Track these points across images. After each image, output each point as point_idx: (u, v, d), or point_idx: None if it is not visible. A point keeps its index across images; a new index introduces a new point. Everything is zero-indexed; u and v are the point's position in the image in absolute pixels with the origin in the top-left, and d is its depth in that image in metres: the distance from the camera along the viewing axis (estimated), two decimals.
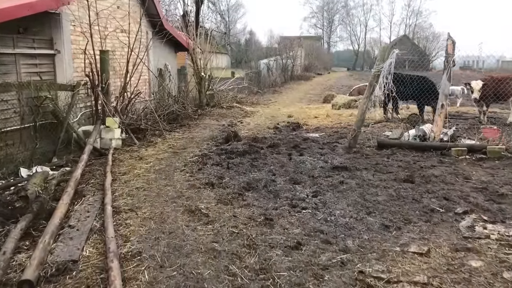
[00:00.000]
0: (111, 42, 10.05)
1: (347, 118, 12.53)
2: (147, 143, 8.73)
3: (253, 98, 19.95)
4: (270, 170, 6.59)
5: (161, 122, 9.74)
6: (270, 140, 9.03)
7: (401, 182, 5.98)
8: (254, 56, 58.16)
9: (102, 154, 7.67)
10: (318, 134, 10.04)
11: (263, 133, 10.05)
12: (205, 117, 12.83)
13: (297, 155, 7.73)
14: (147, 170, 6.67)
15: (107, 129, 8.31)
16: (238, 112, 14.74)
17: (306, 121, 12.27)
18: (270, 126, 11.30)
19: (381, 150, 8.07)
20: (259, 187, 5.69)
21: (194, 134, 9.98)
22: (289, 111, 14.93)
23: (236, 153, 7.72)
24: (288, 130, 10.60)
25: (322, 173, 6.48)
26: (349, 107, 15.25)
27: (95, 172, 6.55)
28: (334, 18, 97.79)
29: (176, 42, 13.92)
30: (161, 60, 12.81)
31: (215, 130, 10.65)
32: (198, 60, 14.85)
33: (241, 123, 12.05)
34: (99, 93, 8.28)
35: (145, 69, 11.52)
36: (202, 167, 6.78)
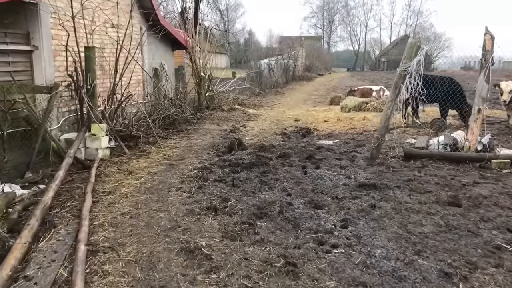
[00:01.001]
0: (100, 38, 8.96)
1: (360, 123, 11.45)
2: (139, 153, 7.64)
3: (256, 99, 18.85)
4: (284, 189, 5.50)
5: (155, 128, 8.64)
6: (279, 148, 7.95)
7: (445, 205, 4.89)
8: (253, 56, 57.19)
9: (85, 167, 6.57)
10: (332, 141, 8.95)
11: (270, 140, 8.96)
12: (205, 121, 11.74)
13: (313, 167, 6.64)
14: (136, 189, 5.57)
15: (93, 137, 7.22)
16: (240, 115, 13.65)
17: (316, 126, 11.18)
18: (277, 131, 10.21)
19: (409, 162, 6.99)
20: (273, 214, 4.59)
21: (193, 141, 8.88)
22: (295, 114, 13.85)
23: (241, 166, 6.64)
24: (297, 136, 9.52)
25: (347, 192, 5.39)
26: (359, 109, 14.17)
27: (74, 191, 5.45)
28: (334, 18, 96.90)
29: (173, 40, 12.83)
30: (156, 59, 11.72)
31: (216, 136, 9.56)
32: (197, 59, 13.76)
33: (245, 127, 10.97)
34: (84, 95, 7.18)
35: (138, 69, 10.43)
36: (202, 185, 5.69)
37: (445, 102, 10.03)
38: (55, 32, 7.45)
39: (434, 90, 9.95)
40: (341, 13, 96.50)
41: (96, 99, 7.57)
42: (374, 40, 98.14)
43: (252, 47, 67.55)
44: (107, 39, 9.07)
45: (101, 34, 8.98)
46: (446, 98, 9.94)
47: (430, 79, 10.17)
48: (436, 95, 9.93)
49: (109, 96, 8.00)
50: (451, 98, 9.78)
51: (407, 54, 7.12)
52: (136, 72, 10.51)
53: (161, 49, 12.12)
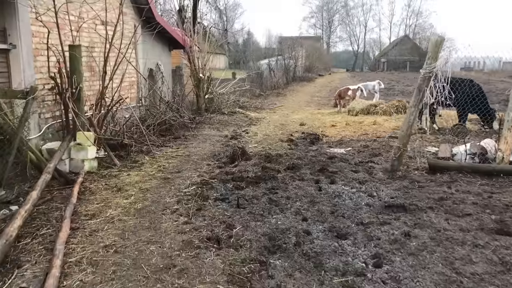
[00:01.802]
0: (89, 36, 8.15)
1: (371, 127, 10.64)
2: (130, 164, 6.83)
3: (257, 101, 18.06)
4: (298, 211, 4.69)
5: (148, 136, 7.82)
6: (287, 159, 7.14)
7: (493, 233, 4.09)
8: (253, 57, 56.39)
9: (69, 182, 5.75)
10: (344, 149, 8.15)
11: (276, 148, 8.16)
12: (204, 126, 10.92)
13: (327, 182, 5.84)
14: (125, 211, 4.76)
15: (78, 147, 6.41)
16: (241, 119, 12.85)
17: (324, 131, 10.38)
18: (282, 138, 9.40)
19: (435, 175, 6.19)
20: (288, 247, 3.78)
21: (191, 149, 8.07)
22: (299, 118, 13.05)
23: (246, 180, 5.83)
24: (305, 143, 8.71)
25: (372, 215, 4.58)
26: (367, 113, 13.38)
27: (52, 214, 4.64)
28: (333, 18, 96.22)
29: (170, 38, 12.03)
30: (152, 59, 10.89)
31: (217, 143, 8.75)
32: (196, 59, 12.95)
33: (247, 133, 10.16)
34: (68, 100, 6.36)
35: (132, 70, 9.62)
36: (202, 205, 4.88)
37: (465, 106, 9.24)
38: (36, 29, 6.63)
39: (453, 93, 9.17)
40: (340, 13, 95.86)
41: (83, 104, 6.76)
42: (373, 41, 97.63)
43: (251, 48, 66.81)
44: (97, 37, 8.26)
45: (90, 32, 8.16)
46: (466, 102, 9.15)
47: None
48: (455, 98, 9.14)
49: (98, 100, 7.18)
50: (472, 101, 8.99)
51: (431, 53, 6.31)
52: (129, 74, 9.71)
53: (157, 49, 11.31)
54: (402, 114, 12.87)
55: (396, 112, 12.96)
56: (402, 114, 12.80)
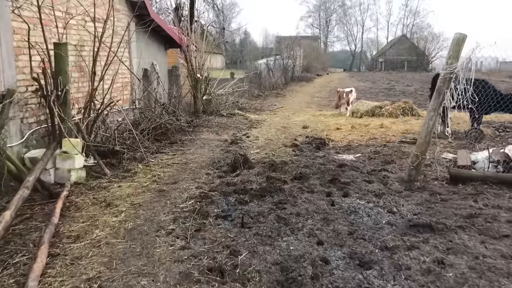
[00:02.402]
0: (78, 33, 7.54)
1: (378, 131, 10.08)
2: (122, 173, 6.23)
3: (256, 102, 17.48)
4: (311, 232, 4.11)
5: (141, 142, 7.22)
6: (293, 167, 6.57)
7: None
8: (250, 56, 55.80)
9: (52, 195, 5.16)
10: (353, 155, 7.58)
11: (280, 155, 7.58)
12: (202, 129, 10.33)
13: (340, 195, 5.27)
14: (113, 231, 4.17)
15: (64, 155, 5.81)
16: (241, 121, 12.26)
17: (329, 135, 9.82)
18: (286, 142, 8.83)
19: (457, 186, 5.63)
20: (305, 281, 3.20)
21: (189, 156, 7.48)
22: (302, 120, 12.49)
23: (250, 193, 5.26)
24: (311, 149, 8.13)
25: (397, 237, 4.01)
26: (372, 115, 12.83)
27: (29, 236, 4.05)
28: (331, 17, 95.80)
29: (166, 37, 11.42)
30: (147, 58, 10.29)
31: (216, 149, 8.16)
32: (193, 58, 12.35)
33: (247, 137, 9.58)
34: (53, 103, 5.76)
35: (125, 70, 9.01)
36: (201, 224, 4.30)
37: (480, 109, 8.68)
38: (18, 25, 6.02)
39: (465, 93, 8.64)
40: (338, 12, 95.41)
41: (69, 107, 6.16)
42: (370, 40, 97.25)
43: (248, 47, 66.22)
44: (87, 35, 7.65)
45: (80, 29, 7.56)
46: (479, 103, 8.60)
47: None
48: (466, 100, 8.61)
49: (87, 103, 6.58)
50: (484, 102, 8.45)
51: (452, 52, 5.75)
52: (122, 74, 9.11)
53: (152, 48, 10.71)
54: (409, 116, 12.37)
55: (402, 114, 12.41)
56: (408, 116, 12.29)
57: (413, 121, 11.41)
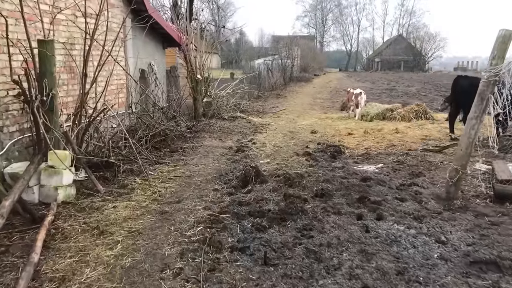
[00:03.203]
0: (68, 30, 6.74)
1: (394, 137, 9.33)
2: (118, 190, 5.44)
3: (257, 104, 16.70)
4: (351, 272, 3.35)
5: (139, 152, 6.43)
6: (310, 180, 5.81)
7: None
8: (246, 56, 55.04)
9: (35, 220, 4.37)
10: (375, 166, 6.84)
11: (294, 165, 6.82)
12: (204, 135, 9.54)
13: (373, 217, 4.52)
14: (108, 272, 3.39)
15: (51, 170, 5.02)
16: (244, 125, 11.49)
17: (342, 141, 9.08)
18: (296, 150, 8.07)
19: (504, 205, 4.90)
20: None
21: (192, 167, 6.70)
22: (309, 124, 11.74)
23: (268, 216, 4.50)
24: (326, 158, 7.38)
25: (457, 278, 3.26)
26: (383, 118, 12.10)
27: (2, 279, 3.25)
28: (327, 17, 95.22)
29: (164, 35, 10.63)
30: (144, 58, 9.48)
31: (221, 158, 7.39)
32: (192, 58, 11.56)
33: (254, 143, 8.81)
34: (37, 110, 4.97)
35: (121, 71, 8.21)
36: (215, 260, 3.53)
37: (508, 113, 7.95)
38: None
39: None
40: (334, 12, 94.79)
41: (56, 114, 5.36)
42: (366, 40, 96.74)
43: (244, 47, 65.46)
44: (78, 32, 6.85)
45: (69, 25, 6.75)
46: None
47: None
48: None
49: (77, 109, 5.78)
50: None
51: (497, 52, 5.00)
52: (117, 75, 8.31)
53: (150, 46, 9.90)
54: (423, 119, 11.65)
55: (415, 118, 11.68)
56: (422, 120, 11.58)
57: (429, 125, 10.68)
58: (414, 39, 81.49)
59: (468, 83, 8.64)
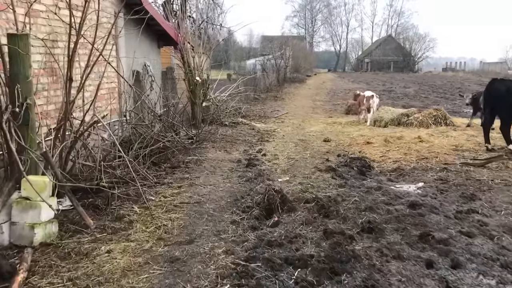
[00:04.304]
0: (49, 24, 5.59)
1: (420, 146, 8.31)
2: (112, 224, 4.32)
3: (257, 108, 15.66)
4: None
5: (136, 172, 5.30)
6: (348, 208, 4.78)
7: None
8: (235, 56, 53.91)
9: (3, 275, 3.24)
10: (414, 185, 5.82)
11: (319, 184, 5.78)
12: (206, 145, 8.44)
13: (447, 265, 3.50)
14: None
15: (25, 203, 3.88)
16: (248, 132, 10.43)
17: (362, 151, 8.08)
18: (316, 164, 7.03)
19: None
20: None
21: (200, 189, 5.60)
22: (318, 131, 10.73)
23: (312, 265, 3.44)
24: (354, 174, 6.35)
25: None
26: (398, 123, 11.14)
27: None
28: (316, 17, 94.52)
29: (160, 32, 9.50)
30: (138, 58, 8.30)
31: (232, 175, 6.31)
32: (190, 58, 10.45)
33: (264, 155, 7.74)
34: (6, 126, 3.83)
35: (112, 72, 7.08)
36: None
37: None
38: None
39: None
40: (323, 12, 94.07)
41: (33, 129, 4.22)
42: (355, 41, 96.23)
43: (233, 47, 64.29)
44: (62, 26, 5.70)
45: (51, 18, 5.60)
46: None
47: None
48: None
49: (60, 122, 4.64)
50: None
51: None
52: (109, 78, 7.17)
53: (145, 45, 8.76)
54: (442, 125, 10.70)
55: (434, 124, 10.73)
56: (442, 126, 10.62)
57: (453, 132, 9.71)
58: (403, 39, 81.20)
59: (505, 87, 7.70)
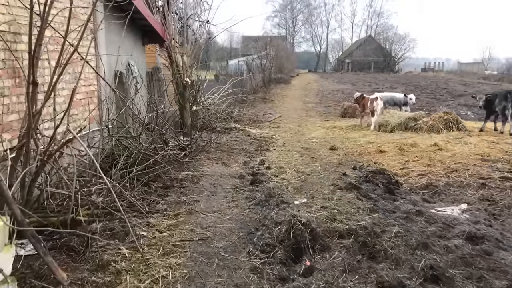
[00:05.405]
0: (9, 13, 4.43)
1: (440, 155, 7.39)
2: (92, 275, 3.23)
3: (248, 111, 14.59)
4: None
5: (121, 197, 4.21)
6: (396, 245, 3.78)
7: None
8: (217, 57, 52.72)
9: None
10: (457, 207, 4.88)
11: (345, 208, 4.78)
12: (201, 157, 7.36)
13: None
14: None
15: None
16: (244, 139, 9.39)
17: (378, 162, 7.18)
18: (332, 179, 6.04)
19: None
20: None
21: (202, 218, 4.52)
22: (320, 137, 9.79)
23: None
24: (382, 194, 5.38)
25: None
26: (405, 128, 10.26)
27: None
28: (297, 18, 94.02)
29: (144, 27, 8.37)
30: (121, 57, 7.14)
31: (238, 196, 5.27)
32: (179, 57, 9.33)
33: (268, 168, 6.73)
34: None
35: (90, 74, 5.94)
36: None
37: None
38: None
39: None
40: (304, 13, 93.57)
41: None
42: (335, 41, 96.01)
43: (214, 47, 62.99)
44: (26, 15, 4.54)
45: (12, 6, 4.45)
46: None
47: None
48: None
49: (22, 139, 3.50)
50: None
51: None
52: (86, 80, 6.03)
53: (128, 42, 7.61)
54: (454, 130, 9.85)
55: (445, 128, 9.87)
56: (455, 131, 9.77)
57: (470, 139, 8.85)
58: (383, 40, 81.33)
59: None
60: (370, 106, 10.75)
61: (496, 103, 9.58)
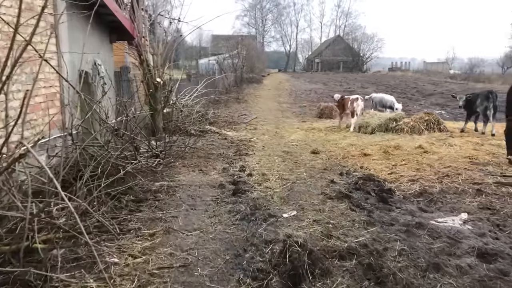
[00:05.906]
0: None
1: (428, 158, 7.12)
2: None
3: (223, 112, 14.06)
4: None
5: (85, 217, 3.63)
6: (403, 266, 3.38)
7: None
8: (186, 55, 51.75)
9: None
10: (458, 217, 4.54)
11: (339, 222, 4.35)
12: (176, 164, 6.79)
13: None
14: None
15: None
16: (221, 143, 8.86)
17: (364, 167, 6.80)
18: (319, 186, 5.61)
19: None
20: None
21: (181, 238, 3.98)
22: (300, 139, 9.38)
23: None
24: (375, 203, 4.99)
25: None
26: (386, 129, 9.98)
27: None
28: (267, 17, 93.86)
29: (112, 24, 7.71)
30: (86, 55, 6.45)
31: (220, 210, 4.75)
32: (150, 56, 8.71)
33: (249, 175, 6.26)
34: None
35: (51, 74, 5.29)
36: None
37: None
38: None
39: None
40: (273, 12, 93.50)
41: None
42: (305, 41, 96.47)
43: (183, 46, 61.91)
44: None
45: None
46: None
47: None
48: None
49: None
50: None
51: None
52: (46, 81, 5.37)
53: (94, 39, 6.94)
54: (436, 131, 9.65)
55: (427, 129, 9.65)
56: (436, 132, 9.58)
57: (454, 140, 8.64)
58: (352, 40, 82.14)
59: None
60: (351, 106, 10.43)
61: (477, 103, 9.42)
